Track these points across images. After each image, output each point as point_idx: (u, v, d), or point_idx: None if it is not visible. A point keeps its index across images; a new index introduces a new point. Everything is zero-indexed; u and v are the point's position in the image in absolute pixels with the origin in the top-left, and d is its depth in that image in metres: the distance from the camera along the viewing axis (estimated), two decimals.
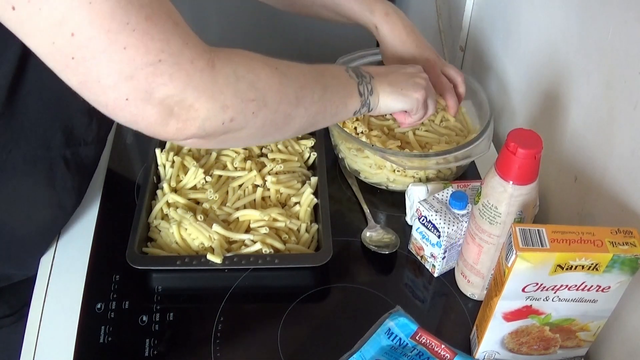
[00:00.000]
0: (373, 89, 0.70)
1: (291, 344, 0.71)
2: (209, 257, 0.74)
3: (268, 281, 0.78)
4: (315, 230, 0.81)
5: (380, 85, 0.71)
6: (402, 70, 0.75)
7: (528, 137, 0.61)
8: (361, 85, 0.69)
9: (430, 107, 0.77)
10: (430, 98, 0.76)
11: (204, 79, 0.51)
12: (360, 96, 0.69)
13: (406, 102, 0.73)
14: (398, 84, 0.73)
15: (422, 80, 0.75)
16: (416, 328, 0.69)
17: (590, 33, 0.73)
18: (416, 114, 0.76)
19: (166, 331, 0.71)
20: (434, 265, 0.78)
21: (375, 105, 0.71)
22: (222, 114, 0.53)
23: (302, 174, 0.89)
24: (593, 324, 0.65)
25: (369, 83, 0.70)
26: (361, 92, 0.69)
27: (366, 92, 0.69)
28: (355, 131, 0.90)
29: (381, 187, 0.91)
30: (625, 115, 0.66)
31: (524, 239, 0.57)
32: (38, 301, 0.75)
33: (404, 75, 0.74)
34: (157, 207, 0.82)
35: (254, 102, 0.55)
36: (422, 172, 0.88)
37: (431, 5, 1.27)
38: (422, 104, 0.75)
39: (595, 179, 0.73)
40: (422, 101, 0.74)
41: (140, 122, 0.51)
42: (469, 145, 0.83)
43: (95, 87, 0.48)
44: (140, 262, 0.75)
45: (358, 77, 0.69)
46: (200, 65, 0.50)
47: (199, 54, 0.50)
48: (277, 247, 0.77)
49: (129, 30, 0.46)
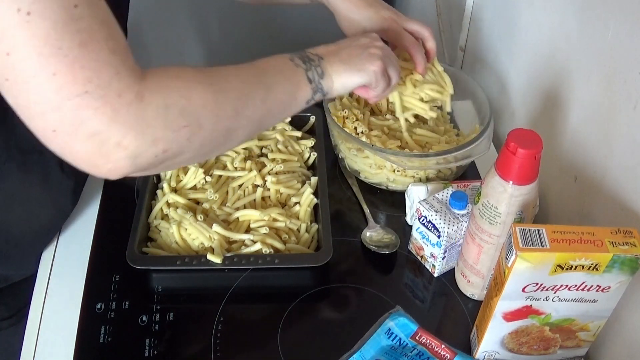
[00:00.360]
0: (324, 71, 0.66)
1: (291, 344, 0.71)
2: (209, 257, 0.74)
3: (268, 281, 0.78)
4: (315, 230, 0.81)
5: (332, 66, 0.67)
6: (354, 43, 0.70)
7: (528, 137, 0.61)
8: (309, 71, 0.65)
9: (392, 76, 0.72)
10: (390, 67, 0.71)
11: (131, 113, 0.47)
12: (310, 83, 0.65)
13: (362, 76, 0.68)
14: (351, 60, 0.68)
15: (377, 50, 0.69)
16: (416, 328, 0.69)
17: (590, 33, 0.73)
18: (377, 86, 0.71)
19: (166, 331, 0.71)
20: (434, 265, 0.78)
21: (330, 88, 0.67)
22: (153, 148, 0.49)
23: (302, 174, 0.89)
24: (593, 324, 0.65)
25: (318, 66, 0.66)
26: (311, 78, 0.65)
27: (316, 77, 0.65)
28: (356, 131, 0.90)
29: (381, 187, 0.91)
30: (625, 115, 0.66)
31: (524, 239, 0.57)
32: (38, 301, 0.75)
33: (357, 48, 0.69)
34: (157, 207, 0.82)
35: (187, 128, 0.51)
36: (422, 172, 0.88)
37: (431, 5, 1.27)
38: (382, 75, 0.69)
39: (595, 179, 0.73)
40: (381, 72, 0.69)
41: (69, 157, 0.48)
42: (468, 145, 0.83)
43: (26, 112, 0.46)
44: (140, 262, 0.75)
45: (305, 62, 0.65)
46: (128, 99, 0.47)
47: (128, 85, 0.47)
48: (277, 247, 0.77)
49: (61, 55, 0.43)
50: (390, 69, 0.71)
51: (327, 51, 0.68)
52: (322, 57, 0.67)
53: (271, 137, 0.92)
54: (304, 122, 0.97)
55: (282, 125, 0.95)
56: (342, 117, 0.92)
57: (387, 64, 0.70)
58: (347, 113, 0.92)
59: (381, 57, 0.69)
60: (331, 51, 0.68)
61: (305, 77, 0.64)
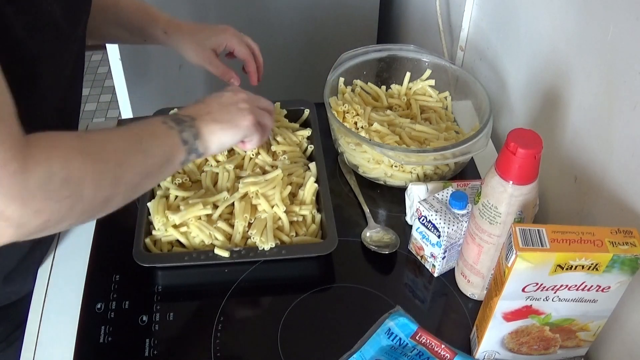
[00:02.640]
0: (199, 132, 0.66)
1: (291, 343, 0.71)
2: (217, 251, 0.74)
3: (268, 281, 0.78)
4: (319, 220, 0.82)
5: (207, 126, 0.67)
6: (221, 100, 0.71)
7: (528, 137, 0.61)
8: (184, 132, 0.65)
9: (265, 124, 0.74)
10: (262, 117, 0.73)
11: (15, 183, 0.47)
12: (184, 144, 0.64)
13: (237, 133, 0.70)
14: (223, 118, 0.69)
15: (245, 104, 0.71)
16: (416, 328, 0.69)
17: (590, 33, 0.73)
18: (252, 139, 0.73)
19: (166, 331, 0.71)
20: (434, 265, 0.78)
21: (206, 148, 0.67)
22: (35, 219, 0.50)
23: (304, 163, 0.90)
24: (593, 324, 0.65)
25: (192, 127, 0.66)
26: (185, 139, 0.64)
27: (191, 138, 0.65)
28: (355, 126, 0.90)
29: (379, 182, 0.91)
30: (625, 115, 0.66)
31: (524, 239, 0.57)
32: (38, 301, 0.75)
33: (227, 106, 0.70)
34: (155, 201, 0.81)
35: (69, 198, 0.52)
36: (419, 168, 0.88)
37: (431, 5, 1.27)
38: (255, 128, 0.71)
39: (595, 179, 0.73)
40: (253, 125, 0.71)
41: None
42: (467, 142, 0.83)
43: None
44: (147, 260, 0.75)
45: (179, 124, 0.65)
46: (12, 169, 0.47)
47: (12, 155, 0.47)
48: (283, 240, 0.78)
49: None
50: (261, 119, 0.73)
51: (199, 111, 0.68)
52: (195, 118, 0.67)
53: None
54: (298, 116, 0.98)
55: (280, 118, 0.95)
56: (343, 111, 0.93)
57: (258, 115, 0.72)
58: (347, 108, 0.93)
59: (251, 110, 0.71)
60: (203, 111, 0.68)
61: (179, 139, 0.64)
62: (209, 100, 0.71)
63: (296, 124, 0.96)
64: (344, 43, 1.25)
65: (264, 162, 0.86)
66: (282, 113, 0.96)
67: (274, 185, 0.81)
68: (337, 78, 0.99)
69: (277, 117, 0.95)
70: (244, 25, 1.42)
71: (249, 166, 0.86)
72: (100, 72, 2.72)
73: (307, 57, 1.63)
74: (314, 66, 1.55)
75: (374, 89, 1.03)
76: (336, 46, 1.28)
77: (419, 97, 1.02)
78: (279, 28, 1.57)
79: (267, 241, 0.75)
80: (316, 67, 1.55)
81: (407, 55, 1.03)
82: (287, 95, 1.11)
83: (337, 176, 0.94)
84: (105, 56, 1.40)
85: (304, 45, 1.61)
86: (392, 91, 1.04)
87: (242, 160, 0.88)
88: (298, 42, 1.60)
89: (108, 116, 2.52)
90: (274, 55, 1.52)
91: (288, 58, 1.61)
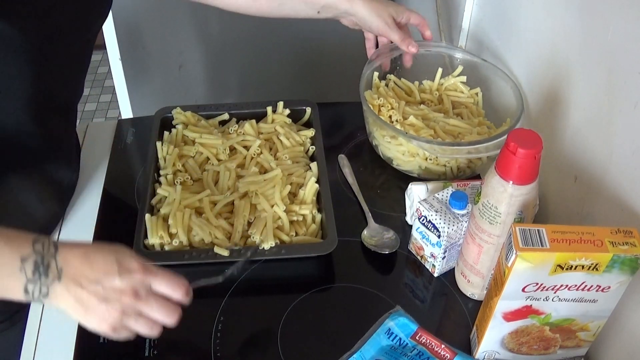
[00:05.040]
0: (49, 294, 0.56)
1: (291, 343, 0.71)
2: (216, 250, 0.74)
3: (268, 281, 0.78)
4: (319, 220, 0.82)
5: (63, 293, 0.56)
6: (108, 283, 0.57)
7: (528, 137, 0.61)
8: (33, 284, 0.55)
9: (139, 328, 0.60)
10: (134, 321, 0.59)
11: None
12: (24, 292, 0.55)
13: (86, 321, 0.58)
14: (85, 299, 0.56)
15: (126, 301, 0.57)
16: (416, 328, 0.69)
17: (590, 33, 0.73)
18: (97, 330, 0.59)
19: (166, 331, 0.71)
20: (434, 265, 0.78)
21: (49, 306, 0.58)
22: None
23: (306, 163, 0.90)
24: (593, 324, 0.65)
25: (46, 285, 0.55)
26: (28, 290, 0.55)
27: (36, 293, 0.55)
28: (390, 119, 0.92)
29: (413, 175, 0.92)
30: (625, 115, 0.66)
31: (524, 239, 0.57)
32: None
33: (106, 289, 0.57)
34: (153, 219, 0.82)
35: None
36: (453, 162, 0.89)
37: (431, 5, 1.27)
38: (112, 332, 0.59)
39: (595, 179, 0.73)
40: (110, 330, 0.58)
41: None
42: (500, 136, 0.84)
43: None
44: (148, 258, 0.75)
45: (35, 273, 0.55)
46: None
47: None
48: (283, 240, 0.78)
49: None
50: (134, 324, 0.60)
51: (74, 273, 0.56)
52: (60, 278, 0.56)
53: (271, 131, 0.93)
54: (300, 115, 0.98)
55: (282, 118, 0.95)
56: (378, 105, 0.95)
57: (128, 320, 0.59)
58: (382, 101, 0.95)
59: (119, 316, 0.58)
60: (76, 275, 0.56)
61: (22, 289, 0.55)
62: (100, 266, 0.58)
63: (299, 125, 0.97)
64: (344, 43, 1.25)
65: (265, 162, 0.86)
66: (284, 112, 0.96)
67: (273, 184, 0.82)
68: (372, 72, 0.99)
69: (279, 118, 0.95)
70: (246, 26, 1.41)
71: (251, 165, 0.86)
72: (100, 72, 2.71)
73: (308, 57, 1.63)
74: (315, 66, 1.55)
75: (406, 84, 1.04)
76: (336, 46, 1.28)
77: (450, 93, 1.03)
78: (281, 28, 1.57)
79: (266, 240, 0.75)
80: (317, 67, 1.55)
81: (439, 51, 1.04)
82: (288, 95, 1.11)
83: (338, 178, 0.94)
84: (105, 56, 1.40)
85: (304, 45, 1.61)
86: (424, 87, 1.05)
87: (244, 160, 0.88)
88: (299, 42, 1.60)
89: (108, 116, 2.52)
90: (276, 55, 1.52)
91: (289, 58, 1.61)
